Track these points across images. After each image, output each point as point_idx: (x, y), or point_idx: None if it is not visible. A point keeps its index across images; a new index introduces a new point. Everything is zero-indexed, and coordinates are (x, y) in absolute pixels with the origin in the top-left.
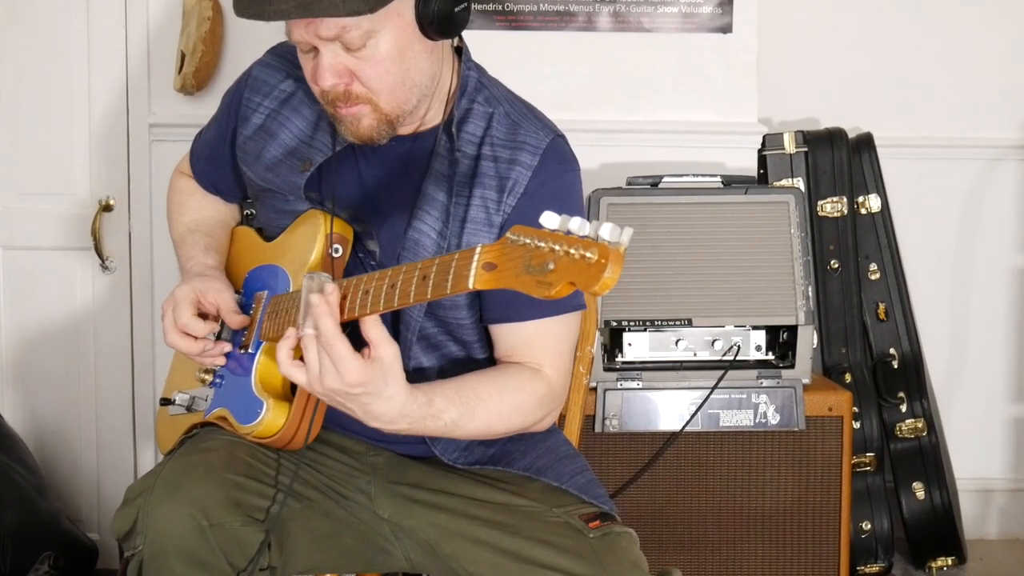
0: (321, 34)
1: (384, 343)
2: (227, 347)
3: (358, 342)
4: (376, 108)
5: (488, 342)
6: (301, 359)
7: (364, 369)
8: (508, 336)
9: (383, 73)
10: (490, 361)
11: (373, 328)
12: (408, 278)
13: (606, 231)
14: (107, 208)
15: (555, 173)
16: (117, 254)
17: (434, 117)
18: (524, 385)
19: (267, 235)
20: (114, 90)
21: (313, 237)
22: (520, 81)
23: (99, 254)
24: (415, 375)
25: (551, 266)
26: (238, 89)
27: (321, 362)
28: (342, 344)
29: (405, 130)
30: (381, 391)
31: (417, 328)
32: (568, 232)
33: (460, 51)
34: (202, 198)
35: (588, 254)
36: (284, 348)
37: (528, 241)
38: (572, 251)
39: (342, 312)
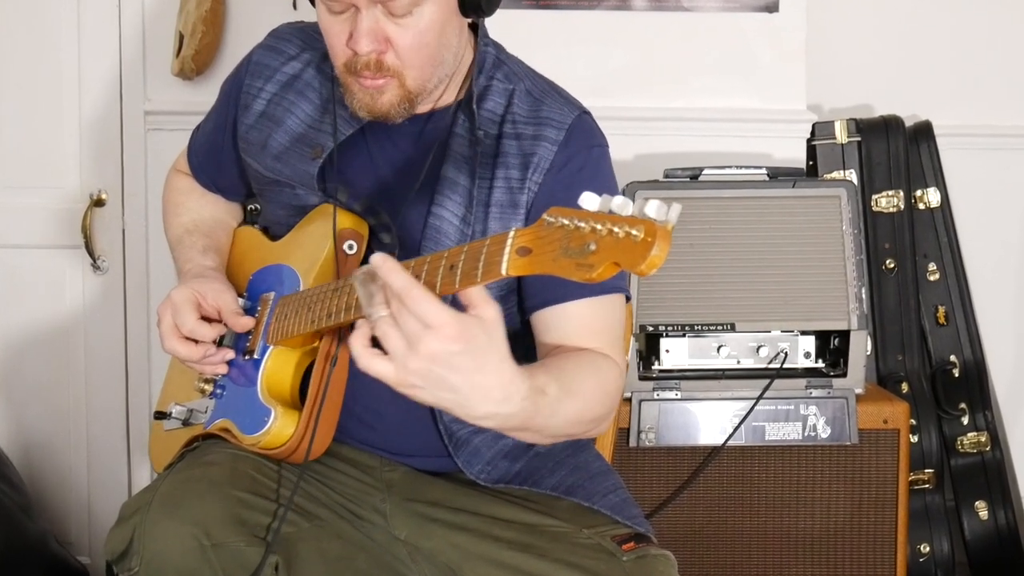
0: None
1: (486, 304)
2: (230, 354)
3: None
4: (402, 84)
5: (516, 343)
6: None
7: (459, 320)
8: (557, 323)
9: (421, 45)
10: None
11: (475, 289)
12: (433, 268)
13: (652, 208)
14: (99, 203)
15: (583, 147)
16: (109, 252)
17: (449, 96)
18: (601, 365)
19: (273, 234)
20: (107, 74)
21: (325, 234)
22: (548, 64)
23: (90, 253)
24: None
25: (592, 247)
26: (237, 76)
27: (408, 332)
28: (424, 293)
29: (419, 109)
30: (486, 351)
31: None
32: (610, 212)
33: (475, 28)
34: (200, 197)
35: (634, 232)
36: (359, 342)
37: (567, 222)
38: (616, 229)
39: (361, 311)
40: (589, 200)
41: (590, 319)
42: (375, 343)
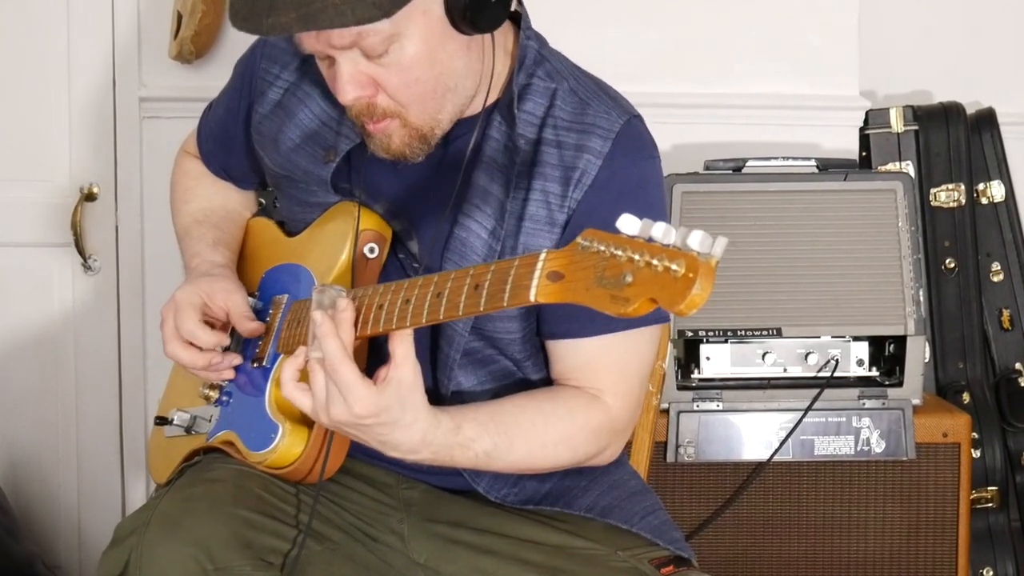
0: (334, 43)
1: (404, 363)
2: (237, 359)
3: (379, 358)
4: (405, 123)
5: (543, 360)
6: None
7: (375, 398)
8: (566, 355)
9: (412, 82)
10: (545, 382)
11: (401, 342)
12: (457, 287)
13: (695, 240)
14: (90, 197)
15: (630, 161)
16: (102, 251)
17: (480, 101)
18: (575, 413)
19: (289, 229)
20: (99, 58)
21: (345, 234)
22: (579, 48)
23: (80, 251)
24: (454, 398)
25: (628, 279)
26: (252, 57)
27: (328, 390)
28: (348, 370)
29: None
30: (397, 420)
31: (461, 345)
32: (650, 239)
33: (518, 18)
34: (211, 184)
35: (674, 266)
36: (290, 368)
37: (602, 248)
38: (655, 262)
39: (377, 324)
40: (628, 224)
41: (597, 358)
42: None
